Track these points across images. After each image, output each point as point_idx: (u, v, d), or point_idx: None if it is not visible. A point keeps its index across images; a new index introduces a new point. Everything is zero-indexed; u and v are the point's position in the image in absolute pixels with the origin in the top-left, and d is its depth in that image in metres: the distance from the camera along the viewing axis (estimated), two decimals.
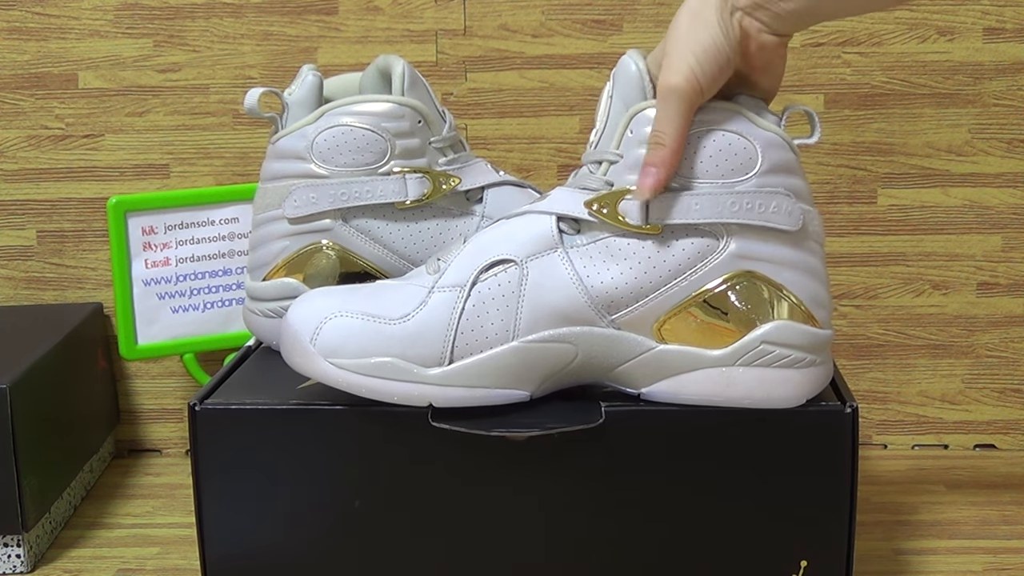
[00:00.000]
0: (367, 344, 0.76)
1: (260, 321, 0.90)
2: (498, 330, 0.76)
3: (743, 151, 0.75)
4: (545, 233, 0.76)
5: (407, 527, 0.79)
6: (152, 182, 1.14)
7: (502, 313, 0.76)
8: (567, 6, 1.10)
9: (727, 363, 0.76)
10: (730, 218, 0.74)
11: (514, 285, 0.76)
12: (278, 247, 0.88)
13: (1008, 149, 1.10)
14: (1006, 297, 1.12)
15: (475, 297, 0.76)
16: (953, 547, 0.94)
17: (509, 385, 0.76)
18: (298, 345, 0.77)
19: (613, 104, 0.77)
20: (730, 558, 0.78)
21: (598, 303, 0.75)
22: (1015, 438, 1.14)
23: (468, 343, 0.76)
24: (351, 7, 1.11)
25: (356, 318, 0.76)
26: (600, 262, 0.76)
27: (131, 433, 1.18)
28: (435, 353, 0.76)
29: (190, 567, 0.94)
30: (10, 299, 1.16)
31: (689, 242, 0.75)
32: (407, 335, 0.76)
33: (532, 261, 0.76)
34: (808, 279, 0.76)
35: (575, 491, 0.78)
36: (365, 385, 0.76)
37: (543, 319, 0.75)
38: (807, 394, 0.77)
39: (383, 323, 0.76)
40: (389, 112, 0.87)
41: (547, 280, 0.76)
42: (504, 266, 0.76)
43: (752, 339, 0.75)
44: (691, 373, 0.76)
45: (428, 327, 0.76)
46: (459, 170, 0.89)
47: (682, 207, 0.74)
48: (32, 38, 1.12)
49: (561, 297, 0.75)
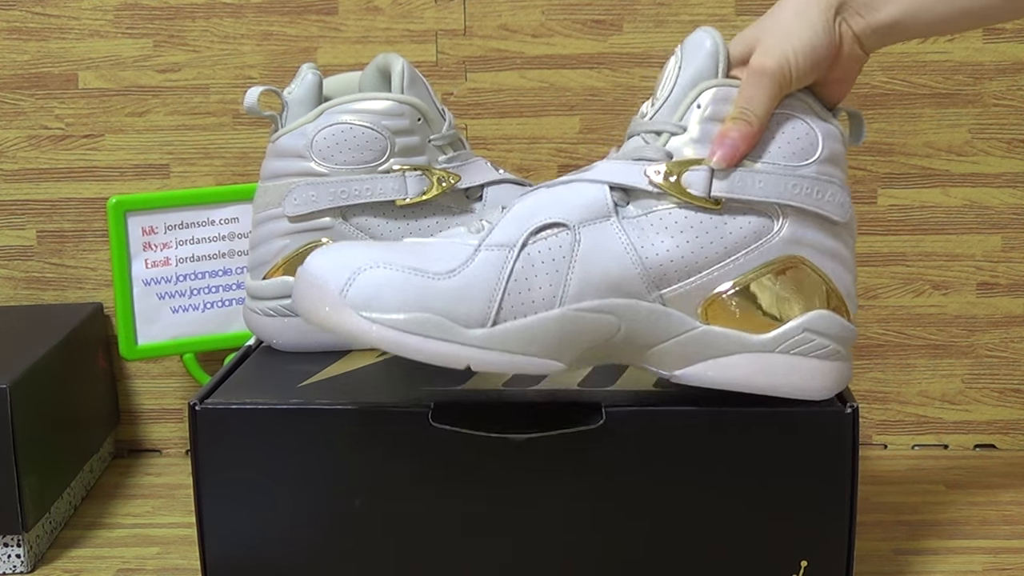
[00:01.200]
0: (408, 298, 0.72)
1: (260, 320, 0.90)
2: (546, 295, 0.73)
3: (806, 136, 0.76)
4: (599, 200, 0.75)
5: (407, 527, 0.79)
6: (152, 182, 1.14)
7: (551, 278, 0.73)
8: (567, 6, 1.10)
9: (768, 349, 0.75)
10: (790, 200, 0.75)
11: (565, 250, 0.74)
12: (278, 245, 0.88)
13: (1008, 149, 1.10)
14: (1006, 297, 1.12)
15: (524, 259, 0.73)
16: (953, 547, 0.94)
17: (548, 355, 0.74)
18: (324, 296, 0.71)
19: (680, 76, 0.76)
20: (730, 558, 0.78)
21: (650, 275, 0.74)
22: (1015, 438, 1.14)
23: (514, 305, 0.73)
24: (351, 7, 1.11)
25: (396, 270, 0.72)
26: (654, 234, 0.74)
27: (131, 433, 1.18)
28: (480, 313, 0.73)
29: (190, 567, 0.94)
30: (10, 299, 1.16)
31: (746, 220, 0.75)
32: (452, 291, 0.72)
33: (585, 227, 0.74)
34: (845, 272, 0.77)
35: (575, 492, 0.78)
36: (401, 342, 0.71)
37: (592, 287, 0.73)
38: (834, 388, 0.77)
39: (427, 277, 0.72)
40: (389, 110, 0.87)
41: (600, 248, 0.74)
42: (556, 230, 0.74)
43: (796, 326, 0.75)
44: (729, 357, 0.75)
45: (475, 285, 0.73)
46: (459, 168, 0.89)
47: (746, 183, 0.75)
48: (32, 38, 1.12)
49: (614, 265, 0.74)
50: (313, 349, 0.88)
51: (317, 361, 0.86)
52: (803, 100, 0.76)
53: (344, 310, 0.71)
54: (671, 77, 0.77)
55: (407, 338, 0.72)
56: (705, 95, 0.75)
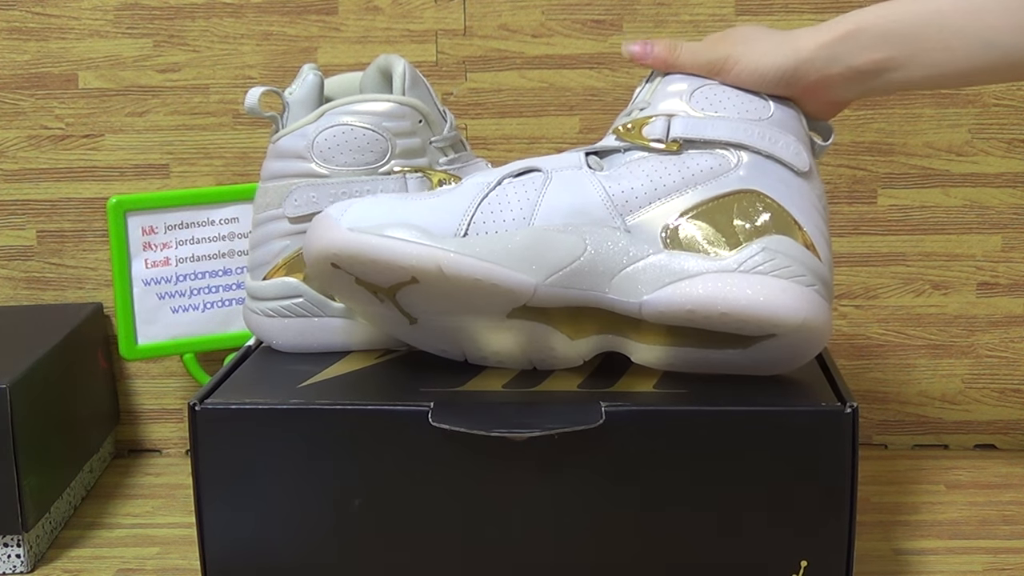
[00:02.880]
0: (390, 214, 0.78)
1: (260, 320, 0.90)
2: (516, 216, 0.79)
3: (758, 99, 0.82)
4: (573, 158, 0.82)
5: (407, 527, 0.79)
6: (152, 182, 1.14)
7: (522, 203, 0.79)
8: (567, 6, 1.10)
9: (728, 269, 0.77)
10: (743, 140, 0.80)
11: (537, 184, 0.80)
12: (278, 246, 0.88)
13: (1008, 149, 1.10)
14: (1006, 297, 1.12)
15: (499, 190, 0.80)
16: (953, 547, 0.94)
17: (518, 268, 0.77)
18: (326, 222, 0.79)
19: (653, 75, 0.85)
20: (730, 558, 0.78)
21: (615, 202, 0.79)
22: (1015, 438, 1.14)
23: (485, 221, 0.78)
24: (351, 7, 1.11)
25: (386, 197, 0.80)
26: (621, 177, 0.80)
27: (131, 433, 1.18)
28: (452, 225, 0.78)
29: (190, 567, 0.94)
30: (10, 299, 1.16)
31: (704, 158, 0.80)
32: (429, 207, 0.79)
33: (558, 172, 0.80)
34: (810, 219, 0.80)
35: (575, 491, 0.78)
36: (378, 244, 0.77)
37: (560, 212, 0.78)
38: (806, 314, 0.77)
39: (409, 200, 0.80)
40: (390, 112, 0.87)
41: (569, 183, 0.80)
42: (532, 174, 0.81)
43: (754, 247, 0.78)
44: (692, 279, 0.77)
45: (450, 203, 0.79)
46: (460, 170, 0.89)
47: (700, 126, 0.81)
48: (32, 38, 1.12)
49: (580, 196, 0.79)
50: (313, 349, 0.88)
51: (317, 361, 0.86)
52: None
53: (338, 229, 0.78)
54: (648, 79, 0.86)
55: (386, 241, 0.77)
56: (664, 78, 0.84)
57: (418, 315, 0.82)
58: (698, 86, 0.82)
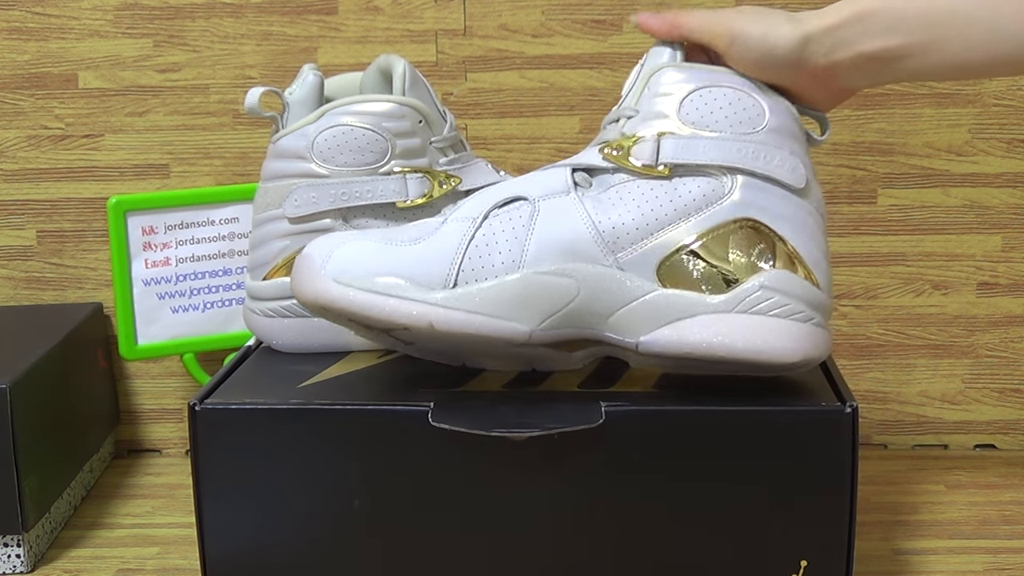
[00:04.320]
0: (375, 264, 0.76)
1: (260, 321, 0.90)
2: (505, 259, 0.76)
3: (752, 107, 0.78)
4: (560, 179, 0.79)
5: (407, 527, 0.79)
6: (152, 182, 1.14)
7: (511, 244, 0.76)
8: (567, 6, 1.10)
9: (726, 309, 0.76)
10: (736, 162, 0.77)
11: (525, 219, 0.77)
12: (278, 247, 0.88)
13: (1008, 149, 1.10)
14: (1006, 297, 1.12)
15: (486, 228, 0.77)
16: (953, 547, 0.94)
17: (510, 317, 0.76)
18: (309, 269, 0.77)
19: (642, 72, 0.80)
20: (730, 558, 0.78)
21: (605, 239, 0.76)
22: (1015, 438, 1.14)
23: (475, 268, 0.76)
24: (351, 7, 1.11)
25: (369, 242, 0.77)
26: (611, 205, 0.77)
27: (131, 433, 1.18)
28: (440, 275, 0.76)
29: (190, 567, 0.94)
30: (10, 299, 1.16)
31: (696, 184, 0.77)
32: (415, 256, 0.77)
33: (544, 200, 0.78)
34: (809, 241, 0.78)
35: (575, 491, 0.78)
36: (368, 302, 0.76)
37: (550, 252, 0.76)
38: (806, 352, 0.76)
39: (395, 245, 0.77)
40: (390, 112, 0.87)
41: (558, 216, 0.77)
42: (518, 204, 0.78)
43: (751, 285, 0.76)
44: (690, 319, 0.76)
45: (436, 250, 0.77)
46: (460, 170, 0.89)
47: (691, 149, 0.77)
48: (32, 38, 1.12)
49: (569, 232, 0.76)
50: (313, 350, 0.88)
51: (317, 361, 0.86)
52: (746, 78, 0.79)
53: (323, 280, 0.76)
54: (635, 74, 0.82)
55: (375, 298, 0.76)
56: (653, 78, 0.79)
57: (414, 341, 0.82)
58: (687, 92, 0.78)
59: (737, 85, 0.78)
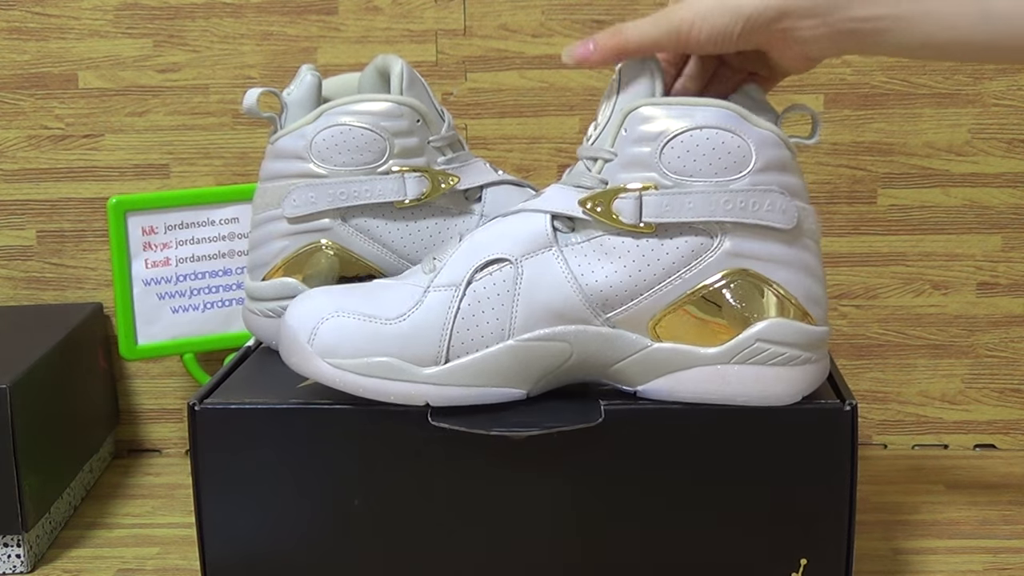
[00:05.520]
0: (364, 344, 0.76)
1: (260, 321, 0.90)
2: (493, 329, 0.76)
3: (736, 149, 0.74)
4: (539, 231, 0.76)
5: (407, 527, 0.79)
6: (152, 182, 1.14)
7: (497, 312, 0.76)
8: (567, 6, 1.10)
9: (722, 360, 0.76)
10: (723, 216, 0.74)
11: (508, 284, 0.76)
12: (277, 247, 0.88)
13: (1008, 149, 1.10)
14: (1006, 297, 1.12)
15: (470, 296, 0.76)
16: (953, 547, 0.94)
17: (505, 384, 0.76)
18: (296, 345, 0.77)
19: (618, 100, 0.77)
20: (730, 556, 0.78)
21: (592, 301, 0.75)
22: (1015, 438, 1.14)
23: (464, 342, 0.76)
24: (351, 7, 1.11)
25: (352, 318, 0.76)
26: (595, 260, 0.75)
27: (131, 433, 1.18)
28: (431, 353, 0.76)
29: (190, 567, 0.94)
30: (10, 299, 1.16)
31: (683, 240, 0.75)
32: (403, 335, 0.76)
33: (527, 260, 0.76)
34: (803, 276, 0.76)
35: (575, 490, 0.78)
36: (363, 385, 0.76)
37: (538, 317, 0.75)
38: (802, 391, 0.77)
39: (379, 323, 0.76)
40: (388, 111, 0.87)
41: (542, 279, 0.75)
42: (499, 265, 0.76)
43: (747, 337, 0.75)
44: (687, 371, 0.76)
45: (424, 327, 0.76)
46: (458, 169, 0.89)
47: (675, 206, 0.74)
48: (32, 38, 1.12)
49: (555, 295, 0.75)
50: None
51: None
52: (731, 110, 0.74)
53: (313, 358, 0.76)
54: (611, 101, 0.77)
55: (368, 381, 0.76)
56: (629, 118, 0.75)
57: None
58: (668, 138, 0.74)
59: (721, 123, 0.74)
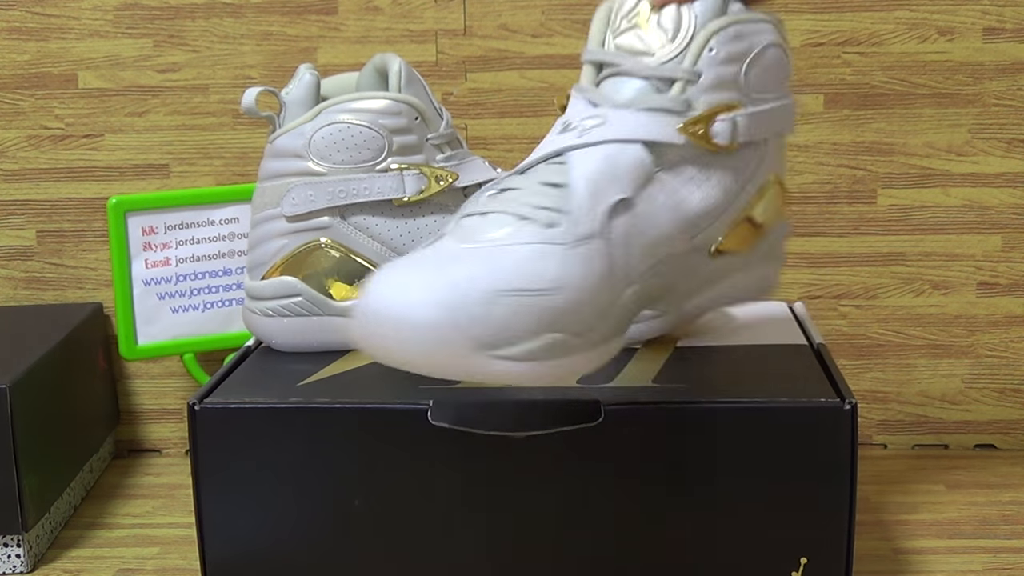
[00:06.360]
0: (531, 323, 0.65)
1: (259, 320, 0.90)
2: (625, 274, 0.71)
3: (788, 63, 0.79)
4: (643, 164, 0.73)
5: (407, 527, 0.79)
6: (152, 182, 1.14)
7: (629, 256, 0.72)
8: (567, 6, 1.10)
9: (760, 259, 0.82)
10: (781, 129, 0.80)
11: (630, 224, 0.72)
12: (276, 246, 0.89)
13: (1008, 149, 1.10)
14: (1006, 297, 1.12)
15: (611, 245, 0.71)
16: (953, 547, 0.94)
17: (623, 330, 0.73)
18: (439, 344, 0.64)
19: (698, 27, 0.74)
20: (730, 556, 0.78)
21: (687, 225, 0.76)
22: (1015, 438, 1.14)
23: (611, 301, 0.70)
24: (351, 7, 1.11)
25: (506, 295, 0.65)
26: (692, 186, 0.76)
27: (131, 433, 1.18)
28: (590, 318, 0.69)
29: (190, 567, 0.94)
30: (10, 299, 1.16)
31: (754, 152, 0.78)
32: (560, 308, 0.67)
33: (640, 197, 0.73)
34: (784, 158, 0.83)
35: (574, 489, 0.78)
36: (546, 373, 0.67)
37: (648, 252, 0.74)
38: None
39: (534, 295, 0.66)
40: (386, 109, 0.87)
41: (652, 212, 0.73)
42: (623, 207, 0.72)
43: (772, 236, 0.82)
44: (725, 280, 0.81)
45: (582, 290, 0.68)
46: (456, 167, 0.89)
47: (759, 125, 0.77)
48: (32, 38, 1.12)
49: (662, 228, 0.74)
50: (312, 349, 0.88)
51: (317, 361, 0.86)
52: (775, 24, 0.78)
53: (472, 357, 0.65)
54: (687, 19, 0.75)
55: (544, 367, 0.67)
56: (717, 37, 0.74)
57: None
58: (749, 58, 0.75)
59: (778, 40, 0.77)
